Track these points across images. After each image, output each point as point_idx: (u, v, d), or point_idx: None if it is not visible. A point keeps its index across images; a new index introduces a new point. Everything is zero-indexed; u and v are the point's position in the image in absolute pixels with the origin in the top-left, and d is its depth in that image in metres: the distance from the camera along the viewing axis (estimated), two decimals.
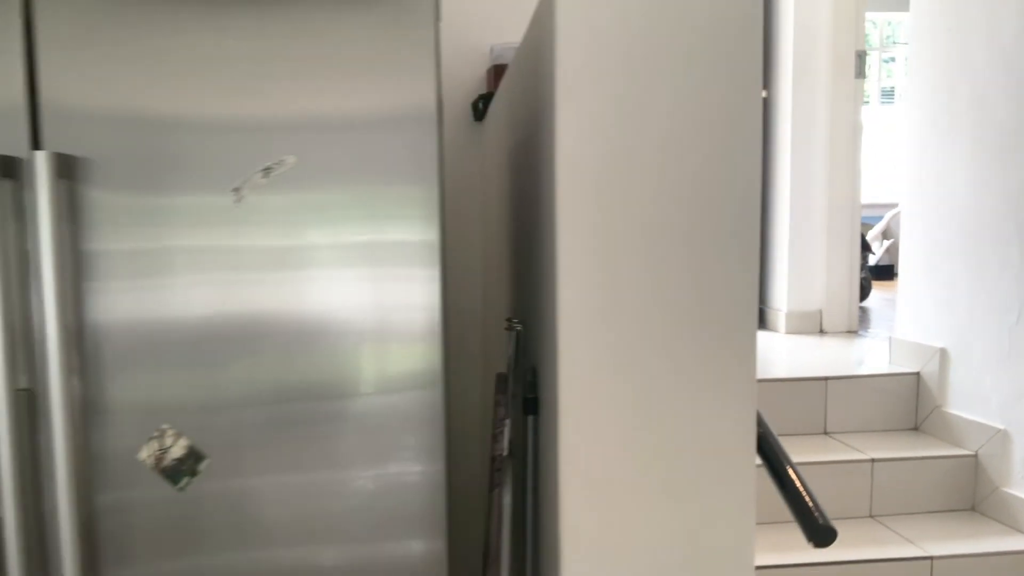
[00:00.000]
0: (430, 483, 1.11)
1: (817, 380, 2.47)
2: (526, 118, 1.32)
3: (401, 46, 1.01)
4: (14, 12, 0.98)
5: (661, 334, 1.06)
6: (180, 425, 1.03)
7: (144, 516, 1.04)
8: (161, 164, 1.00)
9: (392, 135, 1.03)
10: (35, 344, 1.00)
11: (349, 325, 1.06)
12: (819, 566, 1.95)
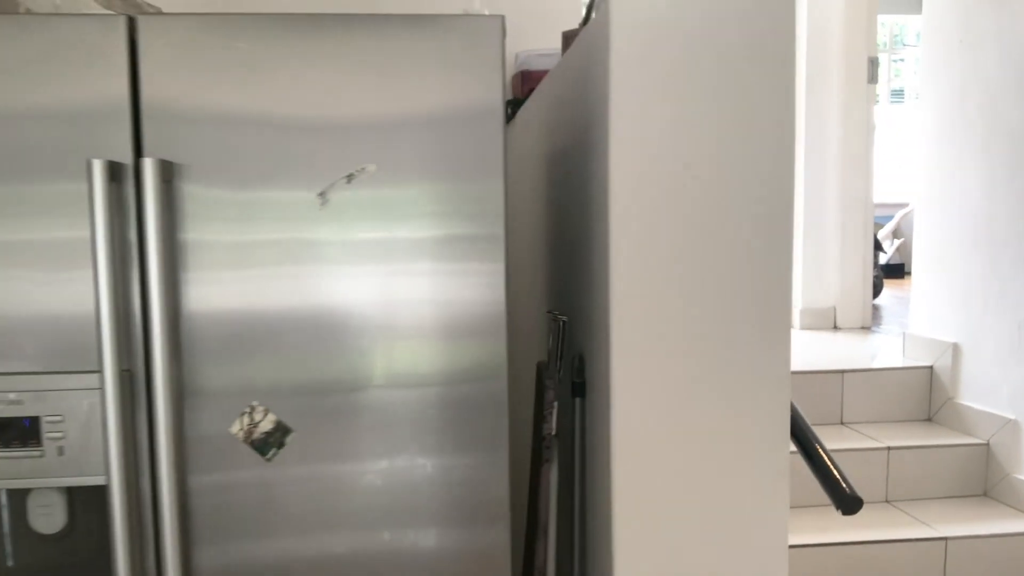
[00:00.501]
0: (494, 472, 1.20)
1: (834, 373, 2.56)
2: (571, 129, 1.43)
3: (472, 58, 1.12)
4: (120, 34, 1.09)
5: (704, 325, 1.16)
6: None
7: (232, 497, 1.15)
8: (250, 163, 1.11)
9: (462, 135, 1.13)
10: (132, 329, 1.11)
11: (422, 318, 1.16)
12: (841, 546, 2.04)
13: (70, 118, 1.08)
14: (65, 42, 1.08)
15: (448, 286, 1.16)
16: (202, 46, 1.09)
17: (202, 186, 1.11)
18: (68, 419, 1.10)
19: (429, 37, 1.12)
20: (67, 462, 1.11)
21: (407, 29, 1.11)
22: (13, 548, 1.19)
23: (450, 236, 1.15)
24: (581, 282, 1.37)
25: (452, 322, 1.17)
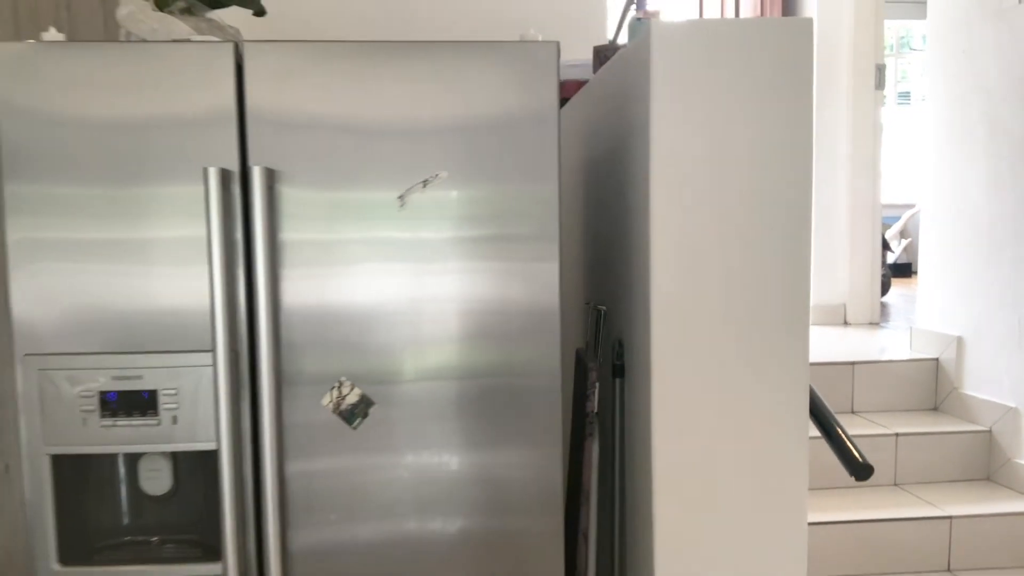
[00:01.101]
0: (550, 465, 1.35)
1: (845, 364, 2.72)
2: (609, 137, 1.59)
3: (530, 77, 1.29)
4: (228, 58, 1.26)
5: (733, 314, 1.32)
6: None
7: (319, 483, 1.32)
8: (337, 168, 1.28)
9: (520, 142, 1.30)
10: (238, 316, 1.28)
11: (483, 314, 1.32)
12: (854, 523, 2.20)
13: (186, 130, 1.25)
14: (181, 64, 1.25)
15: (507, 284, 1.32)
16: (298, 67, 1.26)
17: (296, 188, 1.28)
18: (181, 392, 1.27)
19: (494, 59, 1.28)
20: (180, 430, 1.27)
21: (475, 53, 1.28)
22: (127, 508, 1.36)
23: (509, 235, 1.31)
24: (619, 275, 1.54)
25: (510, 319, 1.33)
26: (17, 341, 1.26)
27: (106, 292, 1.26)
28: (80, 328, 1.26)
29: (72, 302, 1.26)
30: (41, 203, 1.25)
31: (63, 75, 1.25)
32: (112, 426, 1.26)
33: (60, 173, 1.25)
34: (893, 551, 2.25)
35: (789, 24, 1.32)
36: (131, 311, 1.27)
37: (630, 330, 1.47)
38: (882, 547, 2.24)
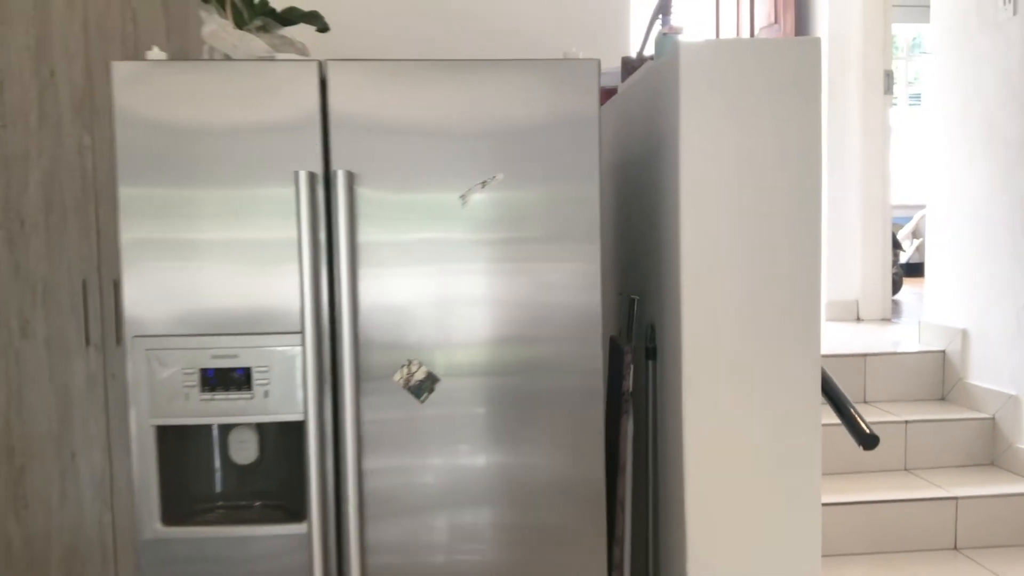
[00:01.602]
0: (594, 458, 1.53)
1: (857, 356, 2.89)
2: (640, 142, 1.77)
3: (574, 90, 1.46)
4: (313, 74, 1.45)
5: (754, 301, 1.50)
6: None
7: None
8: (407, 170, 1.46)
9: (565, 147, 1.47)
10: (320, 303, 1.46)
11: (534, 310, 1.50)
12: (865, 504, 2.37)
13: (275, 137, 1.44)
14: (274, 79, 1.44)
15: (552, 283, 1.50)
16: (373, 82, 1.44)
17: (369, 189, 1.46)
18: (272, 370, 1.45)
19: (543, 75, 1.46)
20: (270, 403, 1.46)
21: (526, 69, 1.46)
22: (219, 476, 1.55)
23: (554, 235, 1.49)
24: (650, 267, 1.71)
25: (555, 317, 1.50)
26: (127, 325, 1.45)
27: (206, 282, 1.45)
28: (183, 313, 1.45)
29: (176, 291, 1.45)
30: (150, 205, 1.44)
31: (170, 89, 1.44)
32: (211, 400, 1.45)
33: (165, 177, 1.44)
34: (902, 530, 2.41)
35: (800, 43, 1.49)
36: (228, 298, 1.45)
37: (661, 316, 1.64)
38: (892, 527, 2.40)
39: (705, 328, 1.51)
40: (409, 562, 1.51)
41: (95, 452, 2.65)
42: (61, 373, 2.64)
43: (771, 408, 1.52)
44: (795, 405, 1.52)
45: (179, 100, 1.44)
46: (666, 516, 1.66)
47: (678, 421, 1.54)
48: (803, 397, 1.52)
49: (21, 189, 2.61)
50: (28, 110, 2.60)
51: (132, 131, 1.43)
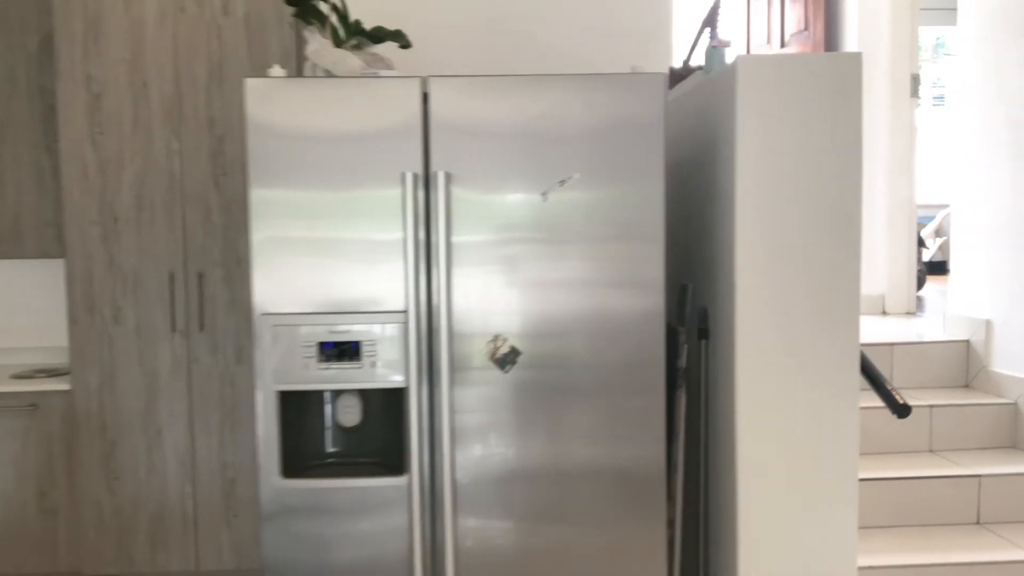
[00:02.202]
0: (653, 418, 1.75)
1: (884, 346, 3.08)
2: (695, 144, 1.99)
3: (641, 99, 1.68)
4: (416, 88, 1.68)
5: (801, 286, 1.71)
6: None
7: (478, 416, 1.72)
8: (496, 171, 1.69)
9: (633, 150, 1.69)
10: (420, 288, 1.69)
11: (605, 308, 1.72)
12: (892, 480, 2.56)
13: (383, 144, 1.67)
14: (385, 92, 1.67)
15: (621, 270, 1.72)
16: (469, 94, 1.67)
17: (461, 189, 1.69)
18: (378, 344, 1.68)
19: (615, 86, 1.69)
20: (376, 372, 1.69)
21: (601, 82, 1.69)
22: (328, 437, 1.79)
23: (622, 228, 1.71)
24: (704, 256, 1.93)
25: (621, 300, 1.72)
26: (255, 304, 1.69)
27: (322, 271, 1.69)
28: (304, 296, 1.69)
29: (297, 278, 1.69)
30: (276, 206, 1.67)
31: (292, 102, 1.67)
32: (326, 369, 1.68)
33: (288, 181, 1.68)
34: (927, 506, 2.60)
35: (842, 58, 1.70)
36: (341, 283, 1.69)
37: (714, 301, 1.86)
38: (917, 502, 2.59)
39: (756, 311, 1.72)
40: (491, 506, 1.73)
41: (179, 429, 2.91)
42: (149, 357, 2.90)
43: (815, 382, 1.73)
44: (836, 380, 1.73)
45: (301, 112, 1.67)
46: (717, 476, 1.87)
47: (730, 393, 1.76)
48: (843, 372, 1.73)
49: (115, 189, 2.87)
50: (123, 118, 2.86)
51: (262, 140, 1.67)
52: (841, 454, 1.75)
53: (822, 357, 1.73)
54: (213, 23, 2.87)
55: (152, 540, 2.94)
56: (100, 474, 2.93)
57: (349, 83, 1.68)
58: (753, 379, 1.73)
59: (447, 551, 1.69)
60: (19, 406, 2.94)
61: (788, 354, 1.73)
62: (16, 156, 3.13)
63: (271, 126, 1.67)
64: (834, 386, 1.73)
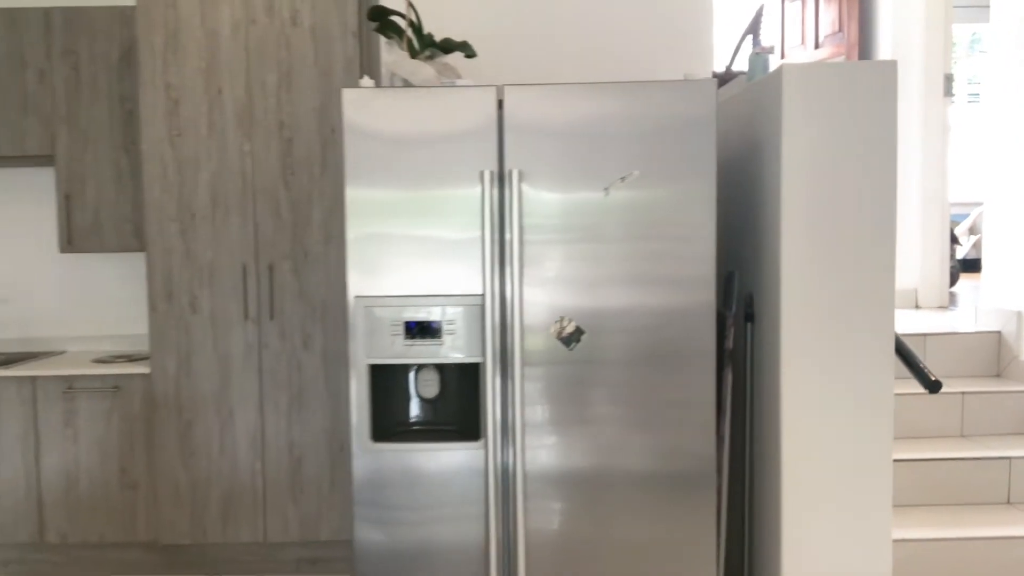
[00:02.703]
0: (703, 393, 1.94)
1: (917, 336, 3.23)
2: (741, 142, 2.17)
3: (695, 103, 1.88)
4: (492, 97, 1.89)
5: (841, 274, 1.89)
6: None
7: (546, 387, 1.92)
8: (562, 168, 1.89)
9: (686, 149, 1.89)
10: (493, 277, 1.90)
11: (666, 299, 1.92)
12: (924, 461, 2.72)
13: (459, 146, 1.89)
14: (460, 100, 1.88)
15: (675, 258, 1.91)
16: (538, 100, 1.88)
17: (531, 186, 1.89)
18: (457, 323, 1.89)
19: (669, 92, 1.88)
20: (455, 349, 1.90)
21: (658, 88, 1.88)
22: (410, 407, 2.00)
23: (676, 220, 1.90)
24: (749, 246, 2.12)
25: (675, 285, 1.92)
26: (349, 287, 1.91)
27: (409, 258, 1.90)
28: (392, 279, 1.90)
29: (387, 264, 1.90)
30: (369, 205, 1.89)
31: (381, 109, 1.89)
32: (411, 345, 1.90)
33: (378, 179, 1.90)
34: (958, 485, 2.76)
35: (879, 66, 1.88)
36: (425, 270, 1.91)
37: (760, 287, 2.05)
38: (948, 482, 2.75)
39: (800, 297, 1.91)
40: (559, 470, 1.94)
41: (250, 410, 3.16)
42: (222, 343, 3.15)
43: (853, 360, 1.92)
44: (872, 358, 1.91)
45: (390, 118, 1.89)
46: (761, 446, 2.06)
47: (775, 371, 1.95)
48: (879, 353, 1.91)
49: (192, 188, 3.12)
50: (199, 122, 3.11)
51: (355, 143, 1.89)
52: (877, 425, 1.93)
53: (859, 338, 1.91)
54: (282, 33, 3.11)
55: (224, 513, 3.19)
56: (177, 451, 3.18)
57: (433, 92, 1.89)
58: (796, 358, 1.92)
59: (518, 507, 1.90)
60: (103, 388, 3.21)
61: (828, 335, 1.91)
62: (97, 157, 3.40)
63: (364, 131, 1.89)
64: (870, 363, 1.91)
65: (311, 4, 3.11)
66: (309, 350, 3.15)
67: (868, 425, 1.93)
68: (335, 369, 3.15)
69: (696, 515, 1.96)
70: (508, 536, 1.94)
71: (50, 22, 3.39)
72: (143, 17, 3.10)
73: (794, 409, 1.93)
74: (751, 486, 2.14)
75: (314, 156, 3.12)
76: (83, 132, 3.39)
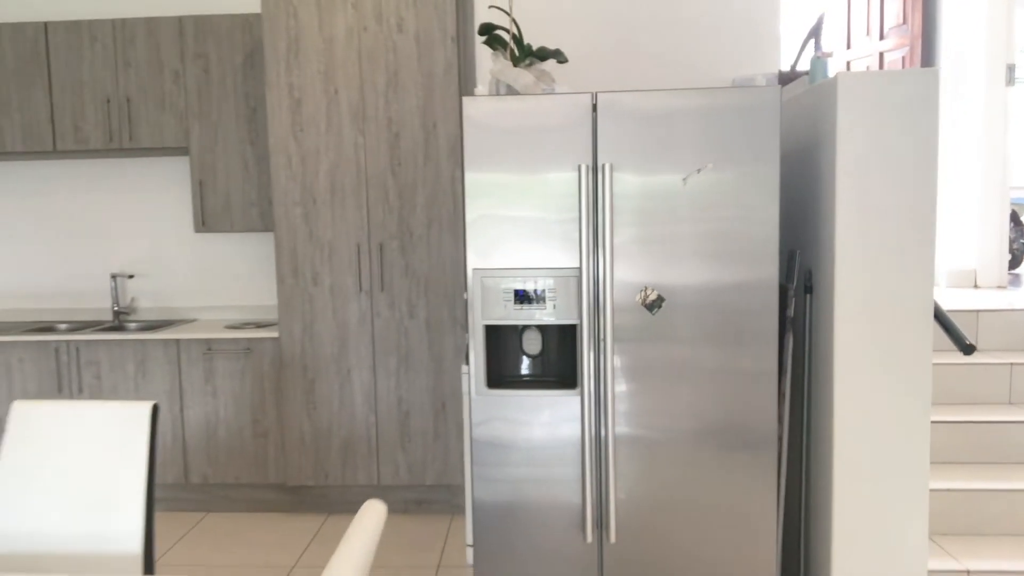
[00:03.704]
0: (767, 358, 2.31)
1: (970, 312, 3.50)
2: (801, 137, 2.51)
3: (760, 105, 2.23)
4: (588, 103, 2.28)
5: (885, 252, 2.22)
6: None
7: (632, 345, 2.32)
8: (647, 160, 2.27)
9: (752, 142, 2.24)
10: (588, 251, 2.30)
11: (738, 252, 2.28)
12: (972, 424, 3.02)
13: (562, 141, 2.28)
14: (562, 104, 2.28)
15: (744, 235, 2.27)
16: (623, 103, 2.26)
17: (621, 175, 2.28)
18: (558, 291, 2.30)
19: (740, 96, 2.24)
20: (556, 313, 2.31)
21: (727, 92, 2.24)
22: (517, 361, 2.42)
23: (744, 204, 2.26)
24: (808, 227, 2.46)
25: (744, 261, 2.28)
26: (469, 262, 2.33)
27: (517, 237, 2.32)
28: (503, 255, 2.32)
29: (498, 242, 2.32)
30: (484, 190, 2.31)
31: (493, 112, 2.30)
32: (519, 309, 2.32)
33: (493, 167, 2.31)
34: (1004, 445, 3.04)
35: (921, 74, 2.19)
36: (530, 246, 2.32)
37: (817, 264, 2.39)
38: (995, 442, 3.03)
39: (852, 272, 2.25)
40: (642, 415, 2.34)
41: (364, 371, 3.64)
42: (340, 312, 3.63)
43: (897, 325, 2.25)
44: (913, 323, 2.24)
45: (501, 119, 2.30)
46: (818, 401, 2.42)
47: (829, 337, 2.30)
48: (919, 318, 2.24)
49: (313, 177, 3.60)
50: (319, 119, 3.59)
51: (473, 139, 2.31)
52: (917, 383, 2.26)
53: (903, 305, 2.24)
54: (389, 39, 3.55)
55: (342, 459, 3.70)
56: (302, 405, 3.70)
57: (538, 97, 2.29)
58: (849, 324, 2.26)
59: (609, 447, 2.31)
60: (237, 350, 3.74)
61: (876, 305, 2.25)
62: (226, 149, 3.92)
63: (479, 129, 2.30)
64: (912, 329, 2.24)
65: (415, 12, 3.54)
66: (414, 318, 3.61)
67: (909, 383, 2.27)
68: (437, 335, 3.61)
69: (759, 466, 2.33)
70: (600, 469, 2.35)
71: (183, 29, 3.91)
72: (268, 25, 3.58)
73: (846, 370, 2.28)
74: (808, 441, 2.50)
75: (418, 148, 3.57)
76: (213, 126, 3.91)
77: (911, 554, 2.31)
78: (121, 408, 1.81)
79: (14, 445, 1.81)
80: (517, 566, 2.40)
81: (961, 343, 2.25)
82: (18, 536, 1.76)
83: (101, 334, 3.79)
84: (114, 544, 1.74)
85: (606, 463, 2.33)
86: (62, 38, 3.92)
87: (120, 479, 1.76)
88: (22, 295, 4.40)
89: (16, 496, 1.78)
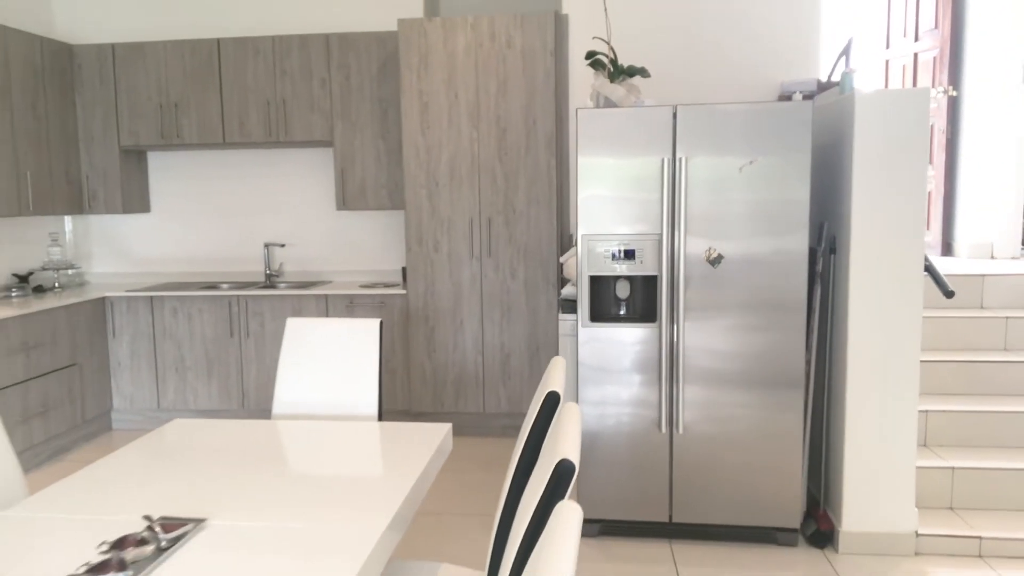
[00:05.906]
0: (798, 301, 3.16)
1: (976, 276, 4.26)
2: (826, 136, 3.34)
3: (796, 115, 3.08)
4: (669, 113, 3.16)
5: (888, 226, 3.05)
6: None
7: (702, 295, 3.19)
8: (712, 152, 3.14)
9: (791, 138, 3.09)
10: (665, 220, 3.18)
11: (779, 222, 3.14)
12: (967, 363, 3.81)
13: (649, 141, 3.16)
14: (651, 114, 3.16)
15: (784, 209, 3.12)
16: (697, 111, 3.12)
17: (692, 165, 3.15)
18: (644, 251, 3.19)
19: (781, 109, 3.08)
20: (643, 267, 3.20)
21: (769, 107, 3.09)
22: (612, 303, 3.33)
23: (784, 184, 3.11)
24: (832, 204, 3.29)
25: (783, 229, 3.13)
26: (579, 229, 3.24)
27: (615, 210, 3.21)
28: (604, 224, 3.22)
29: (600, 215, 3.21)
30: (592, 175, 3.20)
31: (599, 118, 3.18)
32: (615, 264, 3.21)
33: (599, 158, 3.20)
34: (997, 380, 3.82)
35: (914, 92, 3.00)
36: (625, 216, 3.20)
37: (839, 231, 3.23)
38: (989, 378, 3.82)
39: (863, 238, 3.08)
40: (704, 348, 3.22)
41: (473, 321, 4.59)
42: (456, 274, 4.58)
43: (895, 276, 3.08)
44: (907, 272, 3.06)
45: (603, 122, 3.18)
46: (838, 341, 3.26)
47: (846, 286, 3.14)
48: (911, 268, 3.06)
49: (436, 164, 4.54)
50: (441, 118, 4.52)
51: (585, 138, 3.20)
52: (911, 318, 3.09)
53: (900, 259, 3.07)
54: (500, 53, 4.45)
55: (456, 392, 4.66)
56: (424, 348, 4.66)
57: (633, 109, 3.17)
58: (860, 274, 3.10)
59: (679, 363, 3.20)
60: (373, 304, 4.72)
61: (881, 260, 3.08)
62: (363, 142, 4.88)
63: (588, 130, 3.19)
64: (907, 278, 3.07)
65: (522, 32, 4.43)
66: (515, 279, 4.54)
67: (904, 319, 3.09)
68: (533, 293, 4.52)
69: (790, 387, 3.19)
70: (672, 380, 3.24)
71: (329, 44, 4.88)
72: (403, 43, 4.51)
73: (857, 310, 3.12)
74: (830, 370, 3.34)
75: (520, 142, 4.47)
76: (352, 124, 4.87)
77: (903, 455, 3.14)
78: (360, 323, 2.77)
79: (291, 347, 2.79)
80: (610, 452, 3.31)
81: (944, 288, 3.06)
82: (297, 404, 2.74)
83: (262, 291, 4.81)
84: (359, 409, 2.70)
85: (677, 376, 3.21)
86: (231, 51, 4.92)
87: (362, 366, 2.72)
88: (191, 260, 5.46)
89: (295, 379, 2.76)
